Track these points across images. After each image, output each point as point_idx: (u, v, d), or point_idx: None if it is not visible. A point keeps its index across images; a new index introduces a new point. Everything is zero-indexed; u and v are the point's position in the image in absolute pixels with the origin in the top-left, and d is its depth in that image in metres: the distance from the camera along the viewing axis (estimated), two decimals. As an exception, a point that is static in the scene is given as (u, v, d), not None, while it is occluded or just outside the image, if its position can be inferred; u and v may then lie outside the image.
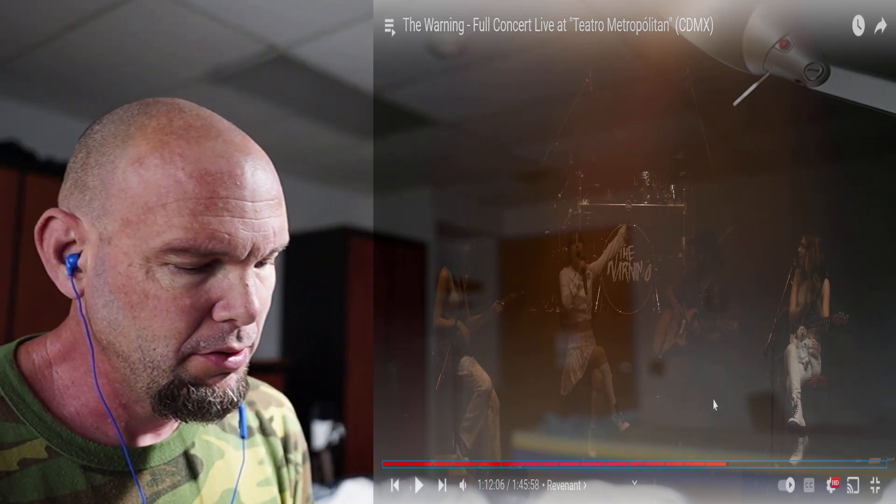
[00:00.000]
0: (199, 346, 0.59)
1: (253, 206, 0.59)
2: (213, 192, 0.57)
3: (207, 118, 0.62)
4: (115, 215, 0.58)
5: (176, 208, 0.56)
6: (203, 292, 0.58)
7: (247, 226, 0.58)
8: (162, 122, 0.59)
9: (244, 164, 0.59)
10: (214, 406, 0.61)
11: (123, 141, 0.59)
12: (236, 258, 0.59)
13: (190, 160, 0.57)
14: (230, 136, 0.61)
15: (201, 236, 0.56)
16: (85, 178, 0.60)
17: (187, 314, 0.58)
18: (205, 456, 0.71)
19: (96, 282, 0.59)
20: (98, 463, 0.62)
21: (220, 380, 0.61)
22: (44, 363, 0.65)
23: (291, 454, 0.82)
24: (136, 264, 0.57)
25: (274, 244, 0.61)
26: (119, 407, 0.64)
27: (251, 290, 0.59)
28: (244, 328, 0.61)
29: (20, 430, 0.60)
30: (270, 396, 0.84)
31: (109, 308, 0.59)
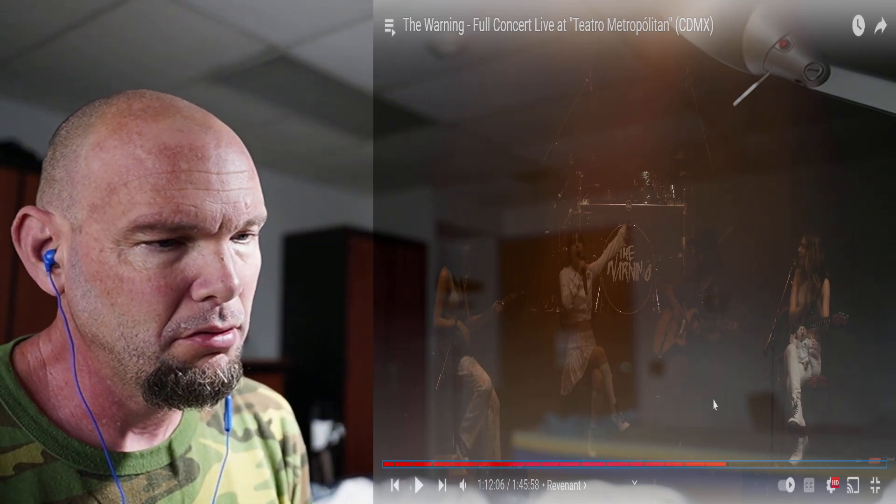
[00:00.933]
0: (181, 328, 0.58)
1: (219, 177, 0.57)
2: (175, 166, 0.55)
3: (167, 99, 0.61)
4: (83, 203, 0.57)
5: (138, 185, 0.55)
6: (178, 271, 0.57)
7: (214, 197, 0.57)
8: (121, 107, 0.59)
9: (205, 137, 0.58)
10: (205, 388, 0.59)
11: (84, 130, 0.59)
12: (208, 232, 0.57)
13: (148, 137, 0.56)
14: (189, 112, 0.60)
15: (166, 210, 0.55)
16: (53, 173, 0.60)
17: (164, 294, 0.56)
18: (201, 459, 0.70)
19: (72, 273, 0.59)
20: (94, 467, 0.62)
21: (209, 360, 0.59)
22: (38, 364, 0.64)
23: (290, 457, 0.81)
24: (107, 249, 0.56)
25: (248, 215, 0.59)
26: (112, 405, 0.63)
27: (228, 264, 0.58)
28: (227, 306, 0.59)
29: (16, 434, 0.60)
30: (269, 399, 0.83)
31: (87, 298, 0.58)
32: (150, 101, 0.60)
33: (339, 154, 4.13)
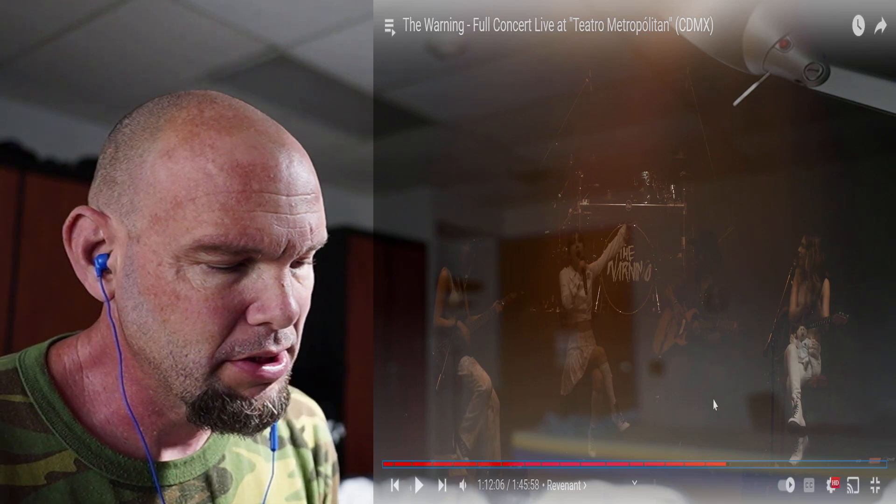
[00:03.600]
0: (234, 352, 0.55)
1: (288, 199, 0.55)
2: (246, 186, 0.53)
3: (240, 108, 0.59)
4: (144, 211, 0.54)
5: (206, 202, 0.52)
6: (237, 293, 0.55)
7: (281, 221, 0.54)
8: (192, 112, 0.56)
9: (278, 156, 0.56)
10: (253, 420, 0.57)
11: (152, 133, 0.56)
12: (271, 256, 0.55)
13: (221, 151, 0.54)
14: (263, 126, 0.58)
15: (233, 232, 0.52)
16: (113, 174, 0.57)
17: (220, 316, 0.54)
18: (235, 470, 0.69)
19: (125, 283, 0.56)
20: (127, 478, 0.60)
21: (259, 391, 0.57)
22: (75, 367, 0.62)
23: (322, 466, 0.79)
24: (165, 263, 0.54)
25: (311, 241, 0.58)
26: (152, 414, 0.61)
27: (287, 291, 0.56)
28: (282, 331, 0.57)
29: (49, 440, 0.58)
30: (302, 405, 0.81)
31: (139, 311, 0.56)
32: (221, 108, 0.57)
33: (339, 154, 4.14)
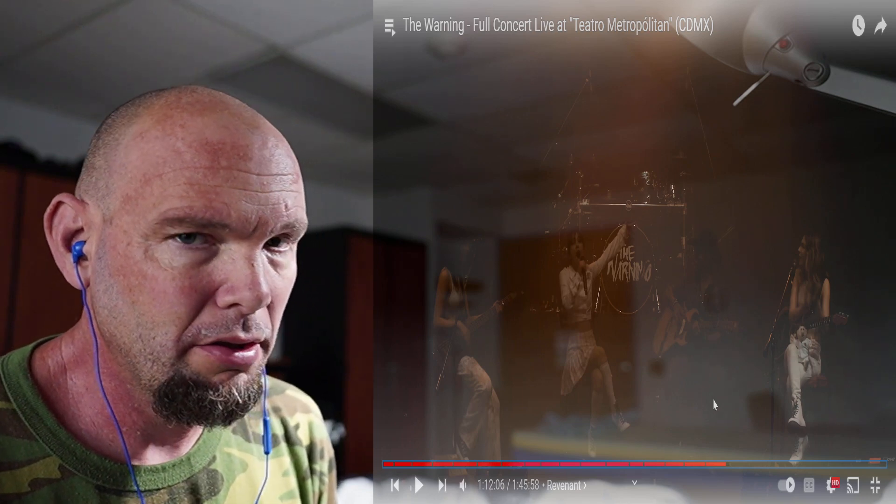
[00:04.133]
0: (201, 335, 0.54)
1: (259, 178, 0.54)
2: (214, 162, 0.53)
3: (218, 96, 0.58)
4: (117, 193, 0.55)
5: (173, 177, 0.52)
6: (205, 273, 0.54)
7: (251, 198, 0.54)
8: (170, 99, 0.57)
9: (250, 136, 0.55)
10: (217, 407, 0.55)
11: (130, 119, 0.56)
12: (241, 234, 0.54)
13: (191, 130, 0.54)
14: (238, 110, 0.57)
15: (198, 204, 0.52)
16: (93, 160, 0.57)
17: (187, 296, 0.53)
18: (226, 471, 0.67)
19: (98, 266, 0.56)
20: (113, 483, 0.59)
21: (226, 378, 0.56)
22: (59, 370, 0.61)
23: (316, 464, 0.78)
24: (134, 243, 0.53)
25: (287, 218, 0.56)
26: (133, 411, 0.60)
27: (258, 272, 0.54)
28: (252, 318, 0.55)
29: (32, 447, 0.57)
30: (297, 401, 0.80)
31: (109, 294, 0.55)
32: (200, 95, 0.57)
33: (339, 154, 4.13)
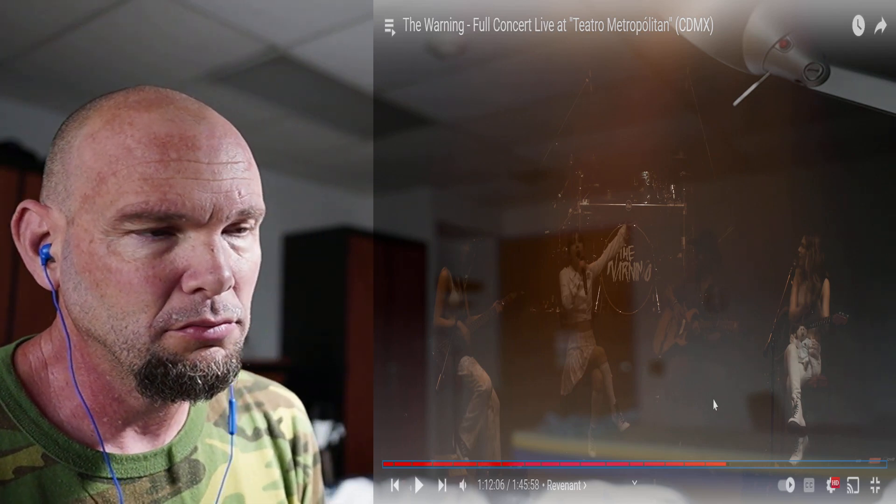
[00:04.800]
0: (172, 320, 0.56)
1: (210, 167, 0.56)
2: (164, 155, 0.55)
3: (165, 93, 0.60)
4: (75, 194, 0.57)
5: (126, 174, 0.54)
6: (168, 262, 0.56)
7: (203, 186, 0.56)
8: (118, 100, 0.59)
9: (197, 127, 0.57)
10: (197, 382, 0.57)
11: (81, 122, 0.59)
12: (197, 221, 0.56)
13: (139, 127, 0.56)
14: (184, 104, 0.59)
15: (153, 198, 0.54)
16: (51, 166, 0.60)
17: (152, 285, 0.55)
18: (208, 461, 0.69)
19: (65, 266, 0.58)
20: (95, 470, 0.60)
21: (202, 352, 0.58)
22: (40, 365, 0.63)
23: (300, 456, 0.79)
24: (96, 240, 0.56)
25: (241, 205, 0.58)
26: (113, 402, 0.62)
27: (218, 256, 0.56)
28: (219, 300, 0.57)
29: (16, 436, 0.59)
30: (279, 396, 0.82)
31: (79, 290, 0.57)
32: (146, 93, 0.59)
33: (339, 154, 4.13)
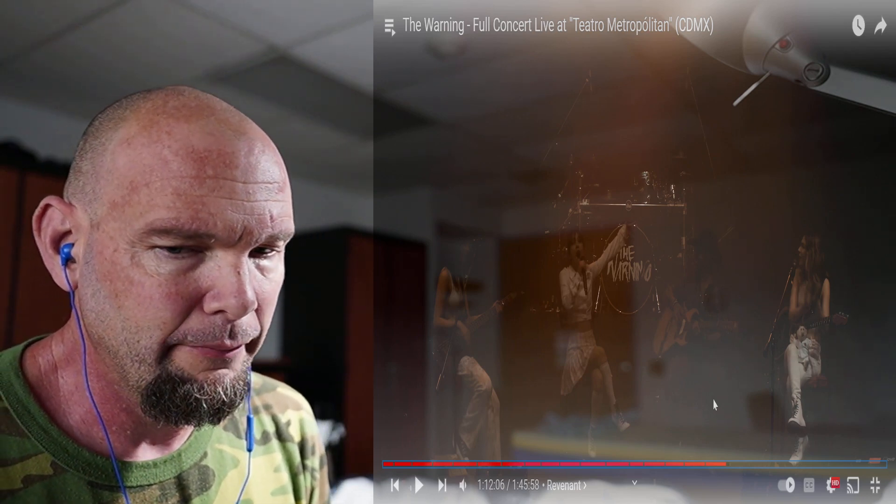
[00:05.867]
0: (187, 340, 0.55)
1: (245, 186, 0.54)
2: (200, 171, 0.53)
3: (205, 99, 0.58)
4: (104, 199, 0.55)
5: (160, 187, 0.52)
6: (192, 280, 0.54)
7: (237, 207, 0.54)
8: (157, 103, 0.56)
9: (237, 143, 0.55)
10: (202, 405, 0.56)
11: (116, 123, 0.56)
12: (227, 242, 0.54)
13: (177, 137, 0.54)
14: (225, 115, 0.57)
15: (184, 216, 0.52)
16: (80, 164, 0.58)
17: (173, 302, 0.54)
18: (217, 466, 0.68)
19: (85, 270, 0.57)
20: (105, 479, 0.59)
21: (211, 375, 0.56)
22: (49, 368, 0.61)
23: (308, 460, 0.79)
24: (121, 249, 0.54)
25: (272, 230, 0.56)
26: (122, 411, 0.60)
27: (245, 279, 0.55)
28: (239, 324, 0.56)
29: (24, 444, 0.57)
30: (288, 399, 0.81)
31: (96, 298, 0.56)
32: (186, 99, 0.57)
33: (339, 154, 4.13)
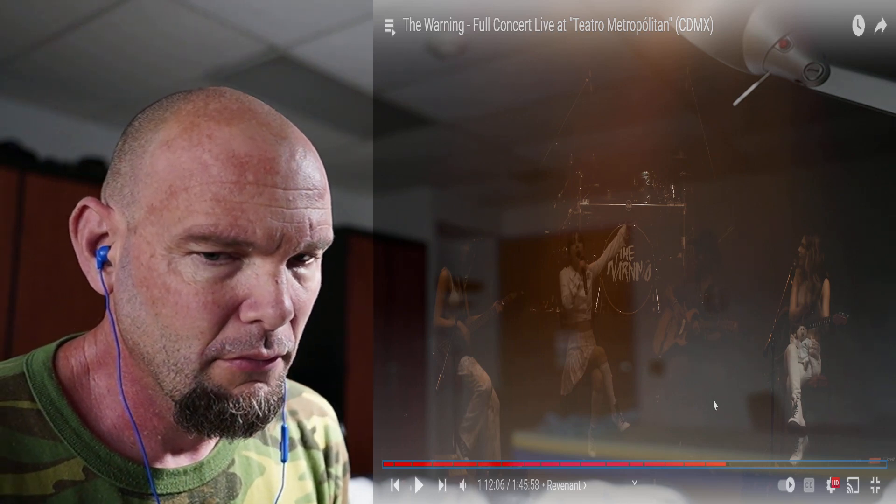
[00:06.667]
0: (225, 350, 0.54)
1: (285, 193, 0.53)
2: (241, 177, 0.52)
3: (246, 102, 0.57)
4: (142, 202, 0.54)
5: (199, 192, 0.51)
6: (229, 288, 0.53)
7: (276, 215, 0.53)
8: (198, 105, 0.55)
9: (278, 148, 0.54)
10: (237, 420, 0.55)
11: (157, 125, 0.55)
12: (265, 251, 0.53)
13: (218, 142, 0.53)
14: (266, 119, 0.56)
15: (224, 223, 0.51)
16: (119, 166, 0.57)
17: (210, 311, 0.53)
18: (244, 474, 0.68)
19: (122, 275, 0.56)
20: (136, 486, 0.59)
21: (247, 389, 0.55)
22: (82, 370, 0.61)
23: (332, 468, 0.78)
24: (158, 255, 0.53)
25: (311, 238, 0.55)
26: (154, 416, 0.60)
27: (282, 288, 0.54)
28: (275, 333, 0.55)
29: (57, 448, 0.57)
30: (313, 404, 0.80)
31: (133, 304, 0.55)
32: (227, 101, 0.56)
33: (339, 154, 4.13)
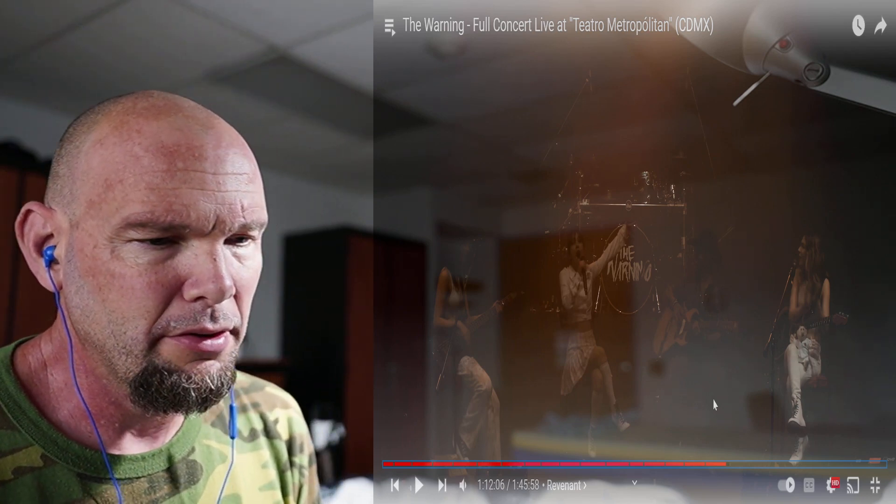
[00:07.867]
0: (170, 327, 0.57)
1: (215, 177, 0.57)
2: (171, 165, 0.56)
3: (173, 99, 0.61)
4: (81, 199, 0.57)
5: (133, 182, 0.55)
6: (170, 268, 0.57)
7: (208, 197, 0.56)
8: (127, 105, 0.59)
9: (204, 137, 0.58)
10: (190, 394, 0.58)
11: (89, 127, 0.59)
12: (201, 232, 0.57)
13: (147, 135, 0.56)
14: (192, 112, 0.60)
15: (159, 208, 0.55)
16: (57, 169, 0.61)
17: (154, 291, 0.56)
18: (205, 461, 0.70)
19: (68, 269, 0.59)
20: (94, 471, 0.61)
21: (198, 365, 0.58)
22: (39, 366, 0.64)
23: (296, 457, 0.80)
24: (101, 245, 0.56)
25: (244, 219, 0.59)
26: (110, 405, 0.62)
27: (220, 265, 0.57)
28: (219, 308, 0.58)
29: (15, 437, 0.59)
30: (276, 398, 0.82)
31: (80, 294, 0.58)
32: (155, 100, 0.60)
33: (339, 154, 4.13)
